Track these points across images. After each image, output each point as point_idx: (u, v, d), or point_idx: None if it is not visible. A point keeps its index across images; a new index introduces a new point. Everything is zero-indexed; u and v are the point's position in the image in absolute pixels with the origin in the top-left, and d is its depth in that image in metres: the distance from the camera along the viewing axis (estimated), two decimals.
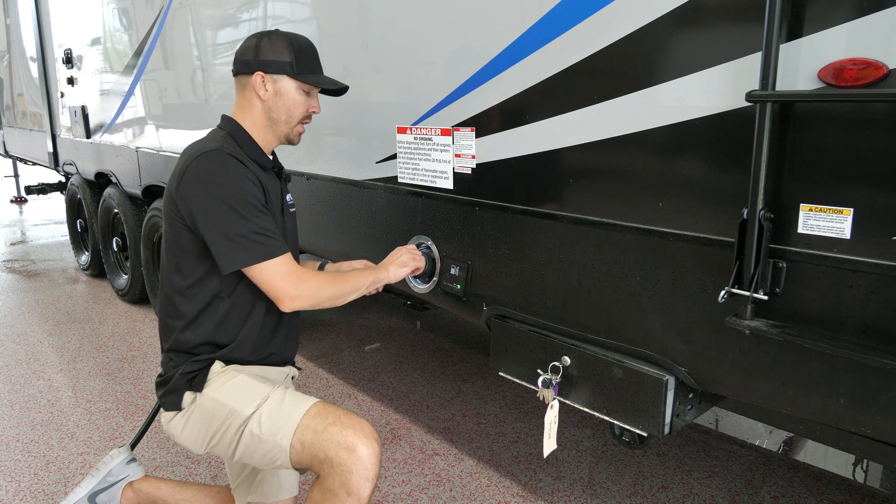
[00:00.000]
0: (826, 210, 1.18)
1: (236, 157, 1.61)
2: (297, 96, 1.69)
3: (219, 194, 1.55)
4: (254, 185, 1.60)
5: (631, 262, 1.52)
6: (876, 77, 1.09)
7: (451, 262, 2.00)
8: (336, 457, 1.50)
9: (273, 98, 1.69)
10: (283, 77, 1.67)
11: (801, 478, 2.47)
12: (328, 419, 1.56)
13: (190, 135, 3.44)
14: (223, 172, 1.58)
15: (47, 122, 5.47)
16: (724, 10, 1.28)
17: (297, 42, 1.69)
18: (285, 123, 1.72)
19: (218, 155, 1.59)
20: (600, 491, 2.41)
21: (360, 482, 1.49)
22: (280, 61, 1.66)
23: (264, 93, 1.68)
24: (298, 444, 1.55)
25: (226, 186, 1.56)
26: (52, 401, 3.14)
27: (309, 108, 1.73)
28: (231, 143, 1.67)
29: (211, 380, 1.66)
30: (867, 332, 1.17)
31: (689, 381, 1.49)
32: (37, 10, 5.22)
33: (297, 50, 1.67)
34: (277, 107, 1.69)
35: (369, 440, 1.52)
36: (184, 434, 1.69)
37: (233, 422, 1.60)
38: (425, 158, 2.03)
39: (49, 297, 4.84)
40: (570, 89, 1.57)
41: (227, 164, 1.58)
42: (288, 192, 1.86)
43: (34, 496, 2.38)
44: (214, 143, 1.64)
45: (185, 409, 1.67)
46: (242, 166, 1.60)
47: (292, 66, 1.66)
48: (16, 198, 9.27)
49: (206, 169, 1.58)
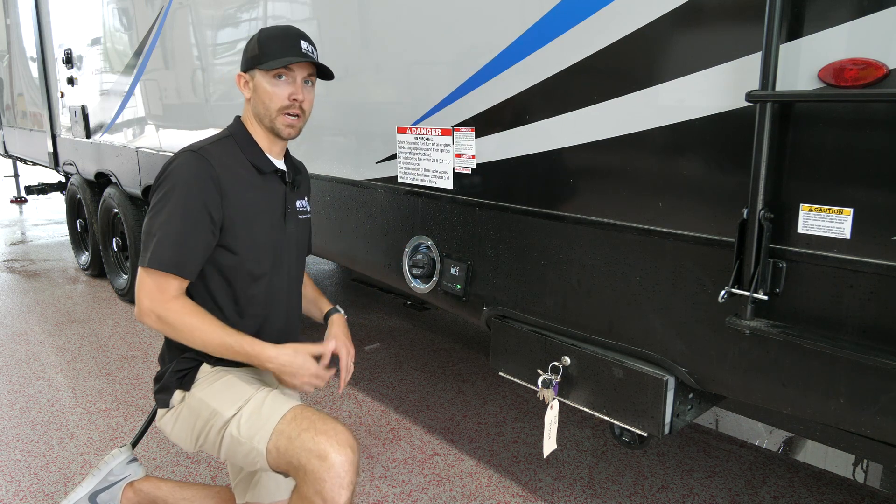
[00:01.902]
0: (826, 210, 1.18)
1: (208, 159, 1.59)
2: (269, 87, 1.63)
3: (162, 188, 1.58)
4: (208, 190, 1.56)
5: (631, 262, 1.52)
6: (876, 77, 1.09)
7: (451, 262, 2.00)
8: (308, 464, 1.47)
9: (253, 95, 1.67)
10: (255, 71, 1.64)
11: (801, 478, 2.47)
12: (302, 425, 1.53)
13: (190, 135, 3.44)
14: (179, 170, 1.58)
15: (47, 122, 5.47)
16: (724, 10, 1.28)
17: (267, 32, 1.65)
18: (266, 116, 1.67)
19: (187, 154, 1.60)
20: (600, 491, 2.41)
21: (333, 489, 1.46)
22: (249, 57, 1.65)
23: (247, 92, 1.68)
24: (274, 450, 1.53)
25: (171, 183, 1.56)
26: (52, 401, 3.14)
27: (289, 96, 1.64)
28: (224, 145, 1.66)
29: (200, 379, 1.67)
30: (867, 332, 1.17)
31: (689, 381, 1.49)
32: (37, 10, 5.22)
33: (262, 40, 1.63)
34: (256, 102, 1.67)
35: (342, 447, 1.49)
36: (174, 432, 1.70)
37: (215, 423, 1.60)
38: (425, 158, 2.03)
39: (49, 297, 4.83)
40: (570, 89, 1.57)
41: (189, 163, 1.58)
42: (300, 198, 1.82)
43: (34, 496, 2.38)
44: (202, 142, 1.66)
45: (175, 407, 1.68)
46: (208, 168, 1.58)
47: (258, 58, 1.62)
48: (16, 198, 9.27)
49: (170, 163, 1.61)
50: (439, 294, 2.06)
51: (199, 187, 1.56)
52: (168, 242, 1.54)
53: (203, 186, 1.56)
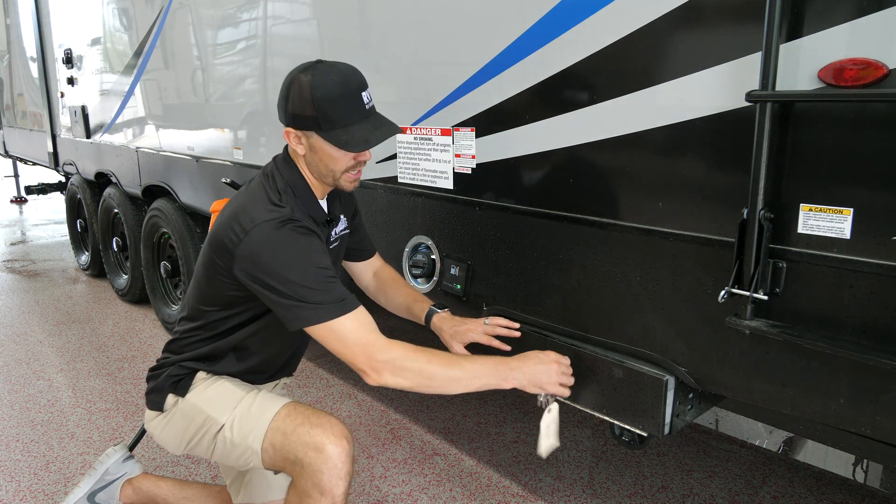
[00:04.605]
0: (826, 210, 1.18)
1: (301, 224, 1.48)
2: (333, 151, 1.50)
3: (288, 276, 1.43)
4: (321, 253, 1.49)
5: (631, 262, 1.52)
6: (876, 77, 1.09)
7: (451, 262, 2.00)
8: (305, 457, 1.49)
9: (310, 153, 1.54)
10: (313, 133, 1.50)
11: (801, 478, 2.47)
12: (297, 420, 1.54)
13: (190, 135, 3.44)
14: (291, 250, 1.45)
15: (47, 122, 5.47)
16: (724, 10, 1.28)
17: (322, 90, 1.45)
18: (328, 176, 1.57)
19: (285, 229, 1.46)
20: (600, 491, 2.41)
21: (331, 481, 1.48)
22: (305, 116, 1.47)
23: (300, 147, 1.54)
24: (269, 448, 1.55)
25: (295, 268, 1.44)
26: (52, 401, 3.14)
27: (355, 156, 1.54)
28: (290, 201, 1.54)
29: (195, 385, 1.68)
30: (867, 332, 1.17)
31: (689, 382, 1.49)
32: (37, 10, 5.22)
33: (320, 101, 1.44)
34: (316, 162, 1.55)
35: (338, 438, 1.51)
36: (163, 435, 1.71)
37: (210, 428, 1.62)
38: (425, 158, 2.03)
39: (49, 297, 4.83)
40: (570, 89, 1.57)
41: (297, 241, 1.46)
42: (337, 225, 1.74)
43: (34, 496, 2.38)
44: (275, 206, 1.50)
45: (167, 411, 1.68)
46: (309, 235, 1.49)
47: (317, 123, 1.47)
48: (16, 198, 9.26)
49: (272, 244, 1.45)
50: (439, 294, 2.06)
51: (318, 255, 1.49)
52: (330, 300, 1.45)
53: (318, 251, 1.50)
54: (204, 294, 1.64)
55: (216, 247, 1.54)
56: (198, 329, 1.68)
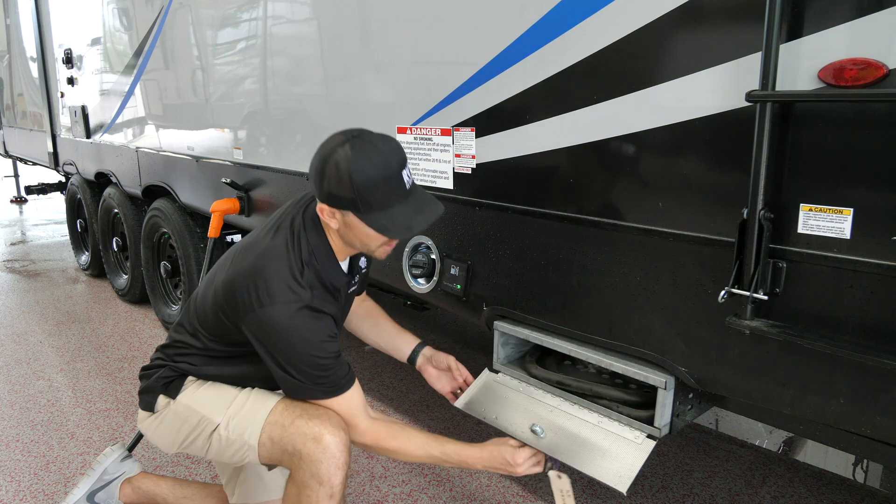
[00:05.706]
0: (826, 210, 1.18)
1: (317, 309, 1.50)
2: (371, 231, 1.46)
3: (294, 360, 1.50)
4: (331, 338, 1.53)
5: (631, 262, 1.52)
6: (876, 77, 1.08)
7: (451, 262, 2.00)
8: (304, 448, 1.51)
9: (344, 228, 1.50)
10: (349, 213, 1.45)
11: (801, 478, 2.47)
12: (295, 412, 1.57)
13: (190, 135, 3.44)
14: (303, 338, 1.48)
15: (47, 122, 5.47)
16: (724, 11, 1.28)
17: (362, 175, 1.39)
18: (362, 249, 1.57)
19: (301, 314, 1.47)
20: (600, 491, 2.41)
21: (329, 470, 1.50)
22: (342, 197, 1.42)
23: (333, 222, 1.50)
24: (267, 441, 1.57)
25: (303, 354, 1.50)
26: (52, 401, 3.14)
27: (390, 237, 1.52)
28: (311, 277, 1.52)
29: (185, 387, 1.69)
30: (867, 332, 1.17)
31: (689, 382, 1.49)
32: (37, 10, 5.22)
33: (359, 186, 1.39)
34: (350, 236, 1.52)
35: (336, 429, 1.54)
36: (155, 435, 1.73)
37: (205, 428, 1.63)
38: (425, 158, 2.03)
39: (49, 297, 4.83)
40: (570, 89, 1.57)
41: (310, 328, 1.49)
42: (356, 275, 1.75)
43: (34, 496, 2.38)
44: (297, 284, 1.49)
45: (159, 411, 1.69)
46: (322, 318, 1.51)
47: (356, 205, 1.42)
48: (16, 198, 9.26)
49: (285, 330, 1.47)
50: (439, 294, 2.06)
51: (327, 342, 1.52)
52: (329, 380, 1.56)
53: (329, 338, 1.53)
54: (208, 323, 1.65)
55: (229, 297, 1.54)
56: (194, 348, 1.69)
